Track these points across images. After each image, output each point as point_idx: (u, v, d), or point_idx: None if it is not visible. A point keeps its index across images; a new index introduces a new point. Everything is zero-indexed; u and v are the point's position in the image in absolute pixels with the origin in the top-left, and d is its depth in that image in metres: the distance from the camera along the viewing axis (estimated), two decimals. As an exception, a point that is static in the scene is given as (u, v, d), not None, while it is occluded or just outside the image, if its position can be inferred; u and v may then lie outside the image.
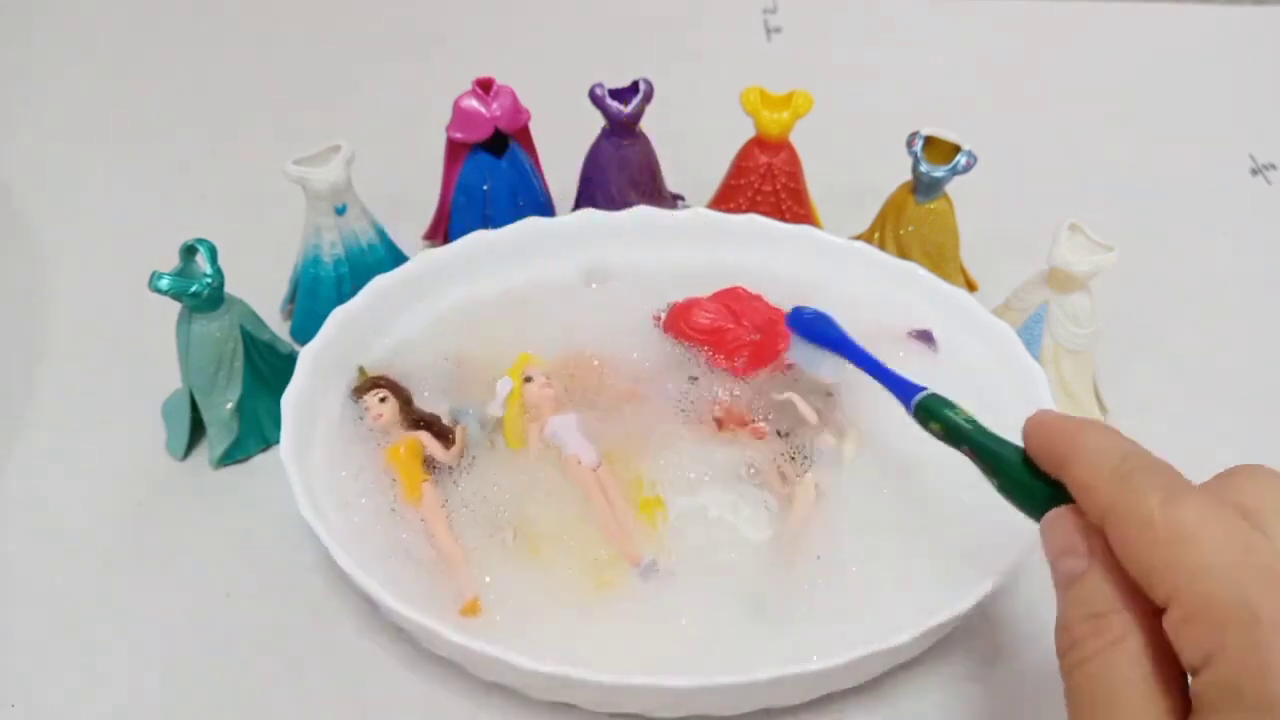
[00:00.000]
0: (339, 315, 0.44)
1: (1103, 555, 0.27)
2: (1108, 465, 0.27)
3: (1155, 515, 0.25)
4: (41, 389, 0.49)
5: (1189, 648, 0.24)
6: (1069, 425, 0.30)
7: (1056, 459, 0.29)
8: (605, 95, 0.50)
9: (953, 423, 0.34)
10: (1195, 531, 0.25)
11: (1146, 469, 0.27)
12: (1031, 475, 0.31)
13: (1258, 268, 0.58)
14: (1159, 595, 0.25)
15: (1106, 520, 0.27)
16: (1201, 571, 0.24)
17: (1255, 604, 0.23)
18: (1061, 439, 0.29)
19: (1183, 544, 0.25)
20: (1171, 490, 0.26)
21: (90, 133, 0.66)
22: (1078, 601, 0.27)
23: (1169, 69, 0.74)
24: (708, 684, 0.33)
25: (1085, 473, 0.28)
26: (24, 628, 0.40)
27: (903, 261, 0.48)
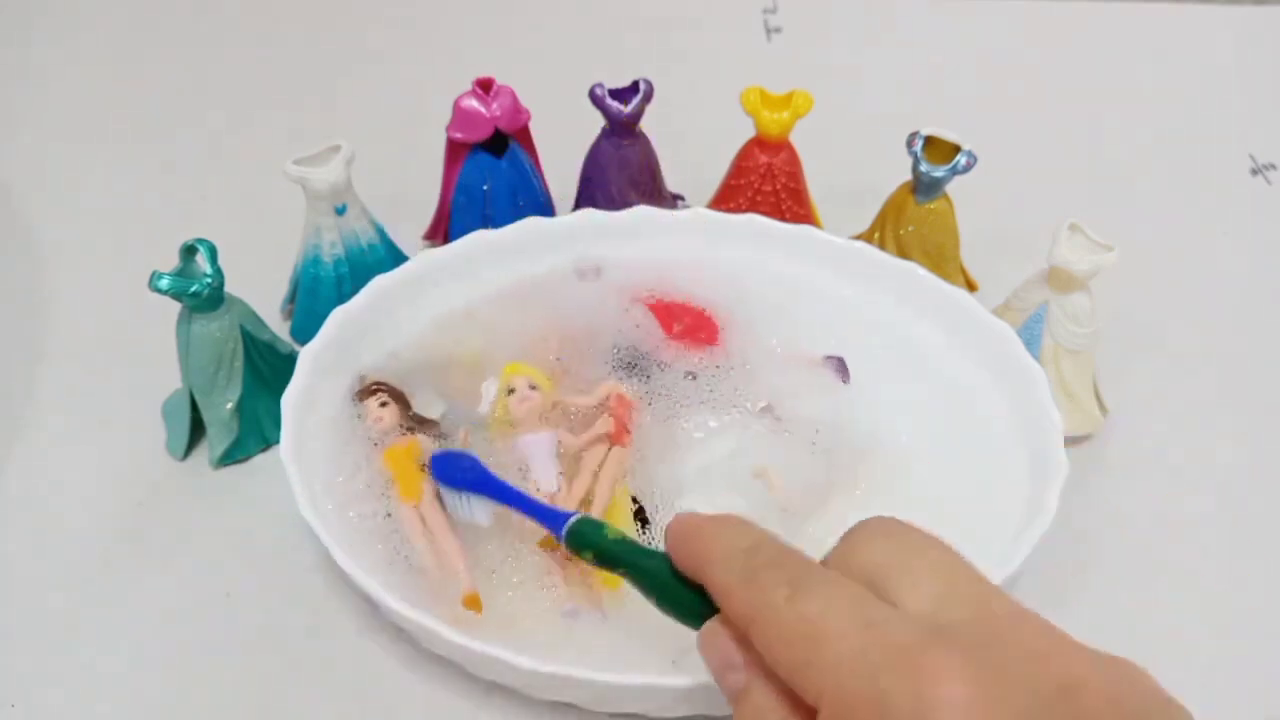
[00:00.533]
0: (339, 315, 0.44)
1: (759, 664, 0.26)
2: (735, 565, 0.27)
3: (784, 614, 0.25)
4: (41, 389, 0.49)
5: None
6: (703, 525, 0.29)
7: (695, 564, 0.28)
8: (605, 95, 0.50)
9: (604, 545, 0.32)
10: (821, 624, 0.24)
11: (771, 563, 0.26)
12: (685, 586, 0.29)
13: (1258, 268, 0.58)
14: (810, 696, 0.24)
15: (745, 625, 0.26)
16: (834, 667, 0.23)
17: (885, 694, 0.22)
18: (696, 541, 0.28)
19: (813, 640, 0.24)
20: (796, 583, 0.25)
21: (90, 133, 0.66)
22: (748, 715, 0.26)
23: (1169, 69, 0.74)
24: (708, 684, 0.33)
25: (716, 578, 0.27)
26: (24, 628, 0.40)
27: (903, 261, 0.48)
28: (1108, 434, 0.47)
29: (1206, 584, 0.42)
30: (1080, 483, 0.40)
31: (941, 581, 0.25)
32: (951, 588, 0.25)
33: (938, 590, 0.25)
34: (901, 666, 0.23)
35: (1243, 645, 0.40)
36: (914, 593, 0.25)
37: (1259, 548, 0.44)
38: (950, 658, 0.23)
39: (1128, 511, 0.45)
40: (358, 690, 0.38)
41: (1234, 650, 0.40)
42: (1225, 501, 0.45)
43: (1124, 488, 0.46)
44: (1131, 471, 0.46)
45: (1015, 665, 0.23)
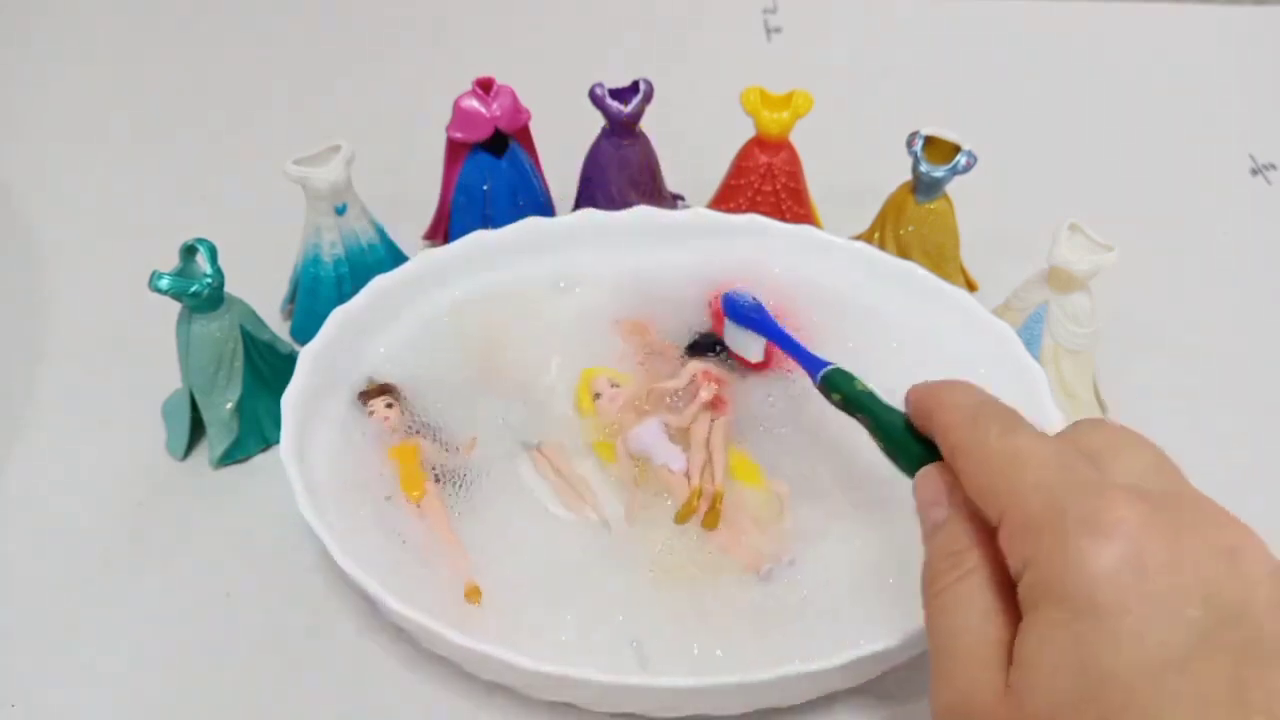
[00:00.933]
0: (339, 315, 0.44)
1: (962, 503, 0.29)
2: (962, 411, 0.30)
3: (992, 444, 0.28)
4: (41, 389, 0.49)
5: (1014, 557, 0.26)
6: (940, 384, 0.32)
7: (929, 408, 0.31)
8: (605, 95, 0.50)
9: (852, 393, 0.37)
10: (1024, 455, 0.27)
11: (993, 412, 0.29)
12: (912, 438, 0.33)
13: (1258, 268, 0.58)
14: (992, 516, 0.27)
15: (956, 457, 0.29)
16: (1026, 488, 0.26)
17: (1065, 508, 0.25)
18: (932, 395, 0.32)
19: (1013, 467, 0.27)
20: (1009, 425, 0.28)
21: (90, 133, 0.66)
22: (940, 543, 0.29)
23: (1169, 69, 0.74)
24: (708, 684, 0.33)
25: (943, 418, 0.30)
26: (24, 628, 0.40)
27: (903, 261, 0.48)
28: (1108, 434, 0.47)
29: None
30: (1080, 483, 0.40)
31: (1145, 462, 0.28)
32: (1155, 469, 0.27)
33: (1140, 467, 0.27)
34: (1085, 491, 0.25)
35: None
36: (1119, 466, 0.27)
37: (1259, 548, 0.44)
38: (1132, 500, 0.25)
39: (1128, 511, 0.45)
40: (358, 690, 0.38)
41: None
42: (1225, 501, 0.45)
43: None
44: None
45: (1193, 522, 0.25)
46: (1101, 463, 0.27)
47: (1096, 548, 0.24)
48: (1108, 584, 0.23)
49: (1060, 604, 0.24)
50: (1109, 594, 0.23)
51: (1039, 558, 0.25)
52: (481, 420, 0.43)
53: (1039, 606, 0.25)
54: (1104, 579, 0.23)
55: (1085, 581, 0.24)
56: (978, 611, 0.27)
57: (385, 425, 0.42)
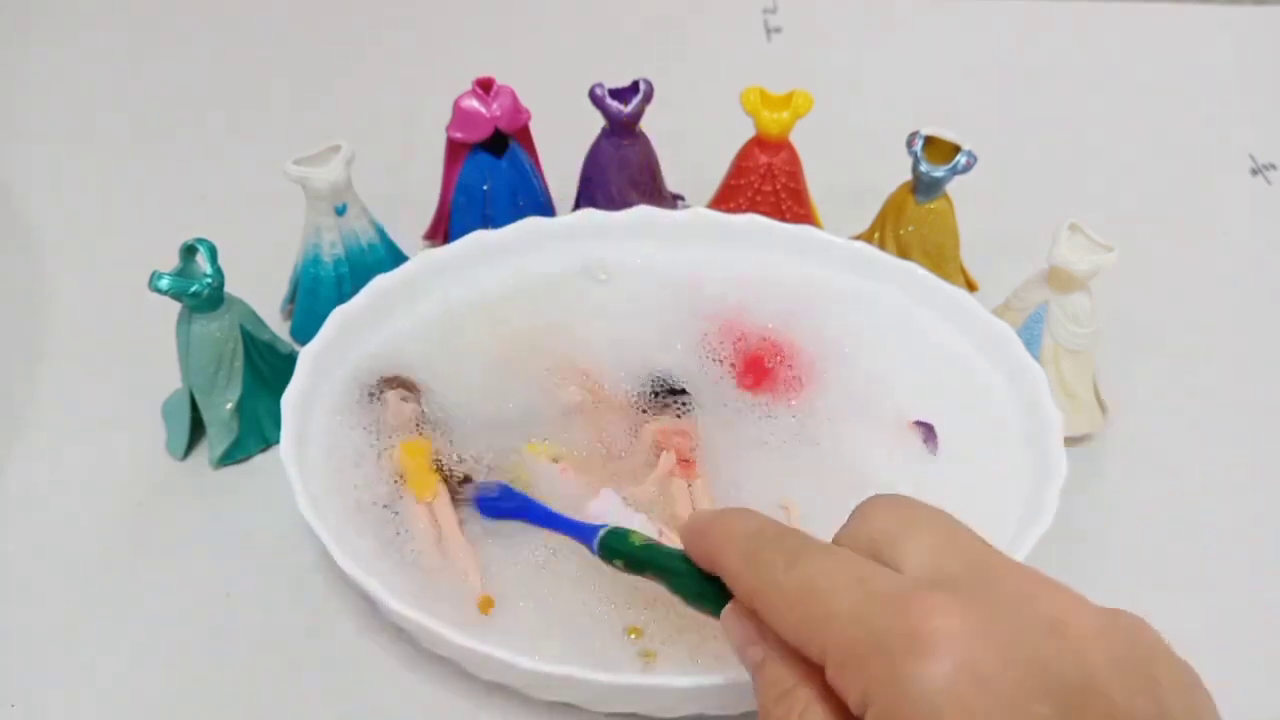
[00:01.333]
0: (339, 315, 0.44)
1: (775, 640, 0.27)
2: (741, 547, 0.28)
3: (782, 581, 0.26)
4: (41, 389, 0.49)
5: (849, 695, 0.24)
6: (713, 518, 0.30)
7: (708, 555, 0.30)
8: (605, 95, 0.50)
9: (631, 552, 0.34)
10: (819, 583, 0.26)
11: (771, 541, 0.28)
12: (707, 583, 0.31)
13: (1258, 268, 0.58)
14: (813, 655, 0.25)
15: (754, 603, 0.27)
16: (835, 622, 0.25)
17: (879, 632, 0.24)
18: (707, 533, 0.30)
19: (811, 599, 0.25)
20: (793, 554, 0.27)
21: (90, 133, 0.66)
22: (767, 685, 0.27)
23: (1169, 69, 0.74)
24: (708, 684, 0.33)
25: (725, 562, 0.29)
26: (24, 628, 0.40)
27: (903, 261, 0.48)
28: (1108, 434, 0.47)
29: (1207, 584, 0.42)
30: (1080, 483, 0.40)
31: (939, 542, 0.26)
32: (948, 546, 0.26)
33: (935, 549, 0.26)
34: (895, 608, 0.24)
35: (1244, 645, 0.40)
36: (913, 555, 0.26)
37: (1259, 547, 0.44)
38: (941, 597, 0.24)
39: (1128, 511, 0.45)
40: (358, 690, 0.38)
41: (1235, 650, 0.40)
42: (1225, 501, 0.45)
43: (1124, 488, 0.46)
44: (1131, 471, 0.46)
45: (1007, 603, 0.24)
46: (895, 551, 0.26)
47: (927, 668, 0.23)
48: (950, 704, 0.22)
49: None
50: (956, 714, 0.22)
51: (875, 692, 0.23)
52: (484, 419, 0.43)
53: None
54: (945, 700, 0.22)
55: (928, 708, 0.22)
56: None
57: (398, 419, 0.42)
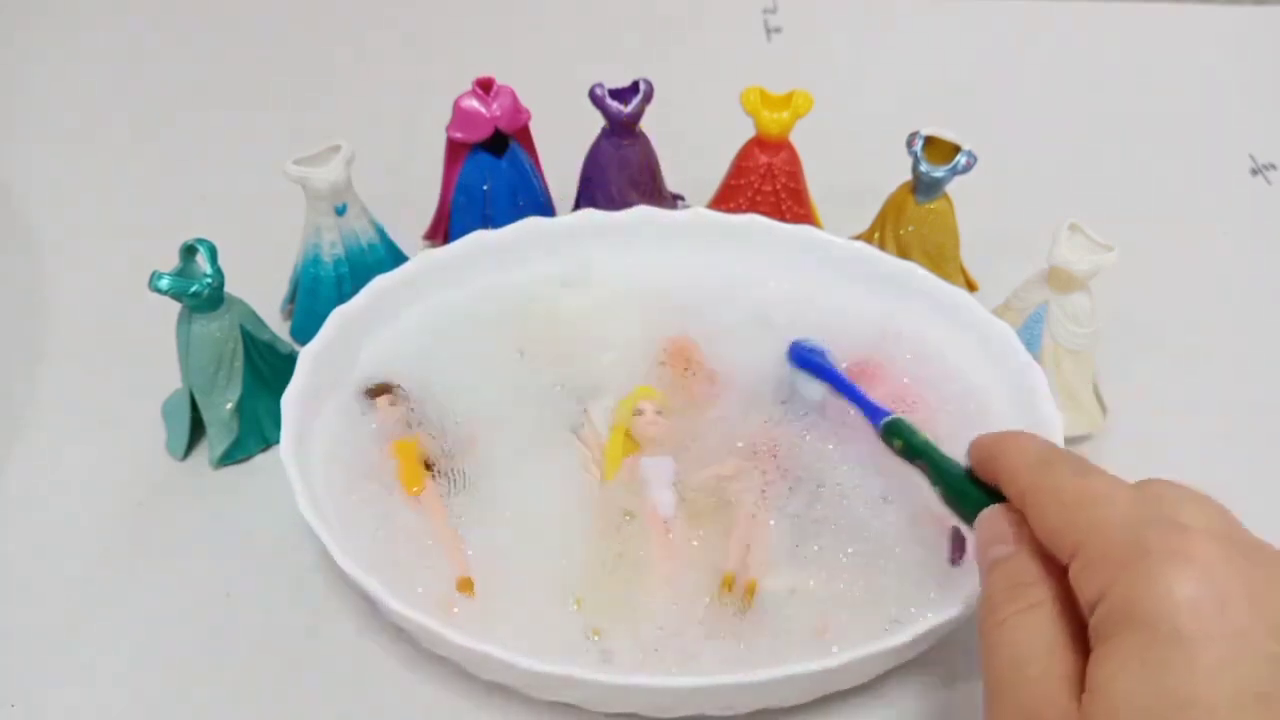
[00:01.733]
0: (339, 315, 0.44)
1: (1029, 541, 0.29)
2: (1031, 455, 0.31)
3: (1066, 484, 0.28)
4: (41, 389, 0.49)
5: (1088, 588, 0.26)
6: (1007, 433, 0.33)
7: (990, 460, 0.32)
8: (605, 95, 0.50)
9: (913, 441, 0.37)
10: (1101, 494, 0.28)
11: (1065, 456, 0.30)
12: (973, 484, 0.33)
13: (1258, 268, 0.58)
14: (1064, 552, 0.27)
15: (1026, 499, 0.29)
16: (1102, 523, 0.27)
17: (1145, 541, 0.25)
18: (998, 443, 0.33)
19: (1088, 505, 0.27)
20: (1082, 467, 0.29)
21: (90, 133, 0.66)
22: (1003, 576, 0.29)
23: (1169, 69, 0.74)
24: (708, 684, 0.33)
25: (1010, 462, 0.31)
26: (24, 628, 0.40)
27: (903, 261, 0.48)
28: (1108, 434, 0.47)
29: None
30: (1080, 483, 0.40)
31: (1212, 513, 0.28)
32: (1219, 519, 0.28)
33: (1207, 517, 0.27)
34: (1166, 529, 0.26)
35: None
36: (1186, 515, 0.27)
37: (1259, 548, 0.44)
38: (1209, 538, 0.25)
39: (1128, 511, 0.45)
40: (358, 690, 0.38)
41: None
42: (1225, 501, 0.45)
43: (1124, 488, 0.46)
44: (1131, 471, 0.46)
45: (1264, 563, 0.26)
46: (1171, 510, 0.27)
47: (1181, 577, 0.24)
48: (1191, 614, 0.24)
49: (1140, 630, 0.24)
50: (1192, 623, 0.23)
51: (1117, 587, 0.25)
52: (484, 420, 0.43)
53: (1116, 634, 0.25)
54: (1187, 609, 0.24)
55: (1168, 609, 0.24)
56: (1044, 642, 0.27)
57: (387, 420, 0.42)
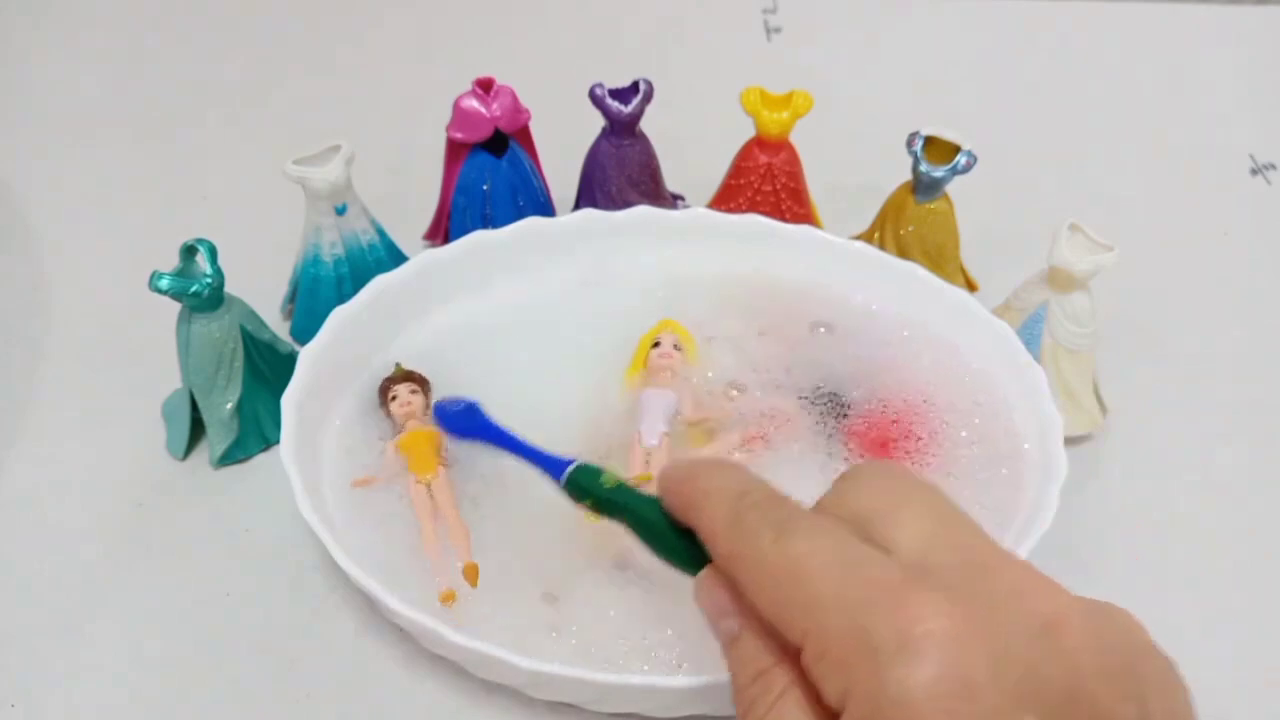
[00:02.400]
0: (339, 315, 0.44)
1: (751, 613, 0.26)
2: (722, 509, 0.27)
3: (768, 555, 0.25)
4: (41, 389, 0.49)
5: (829, 688, 0.23)
6: (696, 469, 0.29)
7: (686, 508, 0.28)
8: (605, 95, 0.50)
9: (600, 493, 0.32)
10: (807, 563, 0.24)
11: (758, 506, 0.26)
12: (680, 537, 0.29)
13: (1258, 268, 0.58)
14: (792, 637, 0.24)
15: (734, 571, 0.26)
16: (816, 604, 0.23)
17: (867, 629, 0.22)
18: (688, 484, 0.28)
19: (797, 579, 0.24)
20: (781, 525, 0.25)
21: (90, 133, 0.66)
22: (741, 661, 0.26)
23: (1169, 69, 0.74)
24: (708, 684, 0.33)
25: (705, 521, 0.27)
26: (24, 628, 0.40)
27: (903, 261, 0.48)
28: (1108, 434, 0.47)
29: (1207, 584, 0.42)
30: (1080, 483, 0.40)
31: (930, 525, 0.25)
32: (940, 531, 0.25)
33: (926, 533, 0.25)
34: (883, 603, 0.23)
35: (1243, 645, 0.40)
36: (903, 536, 0.25)
37: (1259, 547, 0.44)
38: (932, 595, 0.23)
39: (1128, 511, 0.45)
40: (358, 690, 0.38)
41: (1234, 650, 0.40)
42: (1225, 501, 0.45)
43: (1124, 488, 0.46)
44: (1131, 471, 0.46)
45: (998, 603, 0.23)
46: (885, 528, 0.25)
47: (913, 674, 0.21)
48: (935, 714, 0.21)
49: None
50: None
51: (856, 690, 0.22)
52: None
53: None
54: (930, 709, 0.21)
55: (911, 717, 0.21)
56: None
57: (405, 410, 0.42)
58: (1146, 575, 0.42)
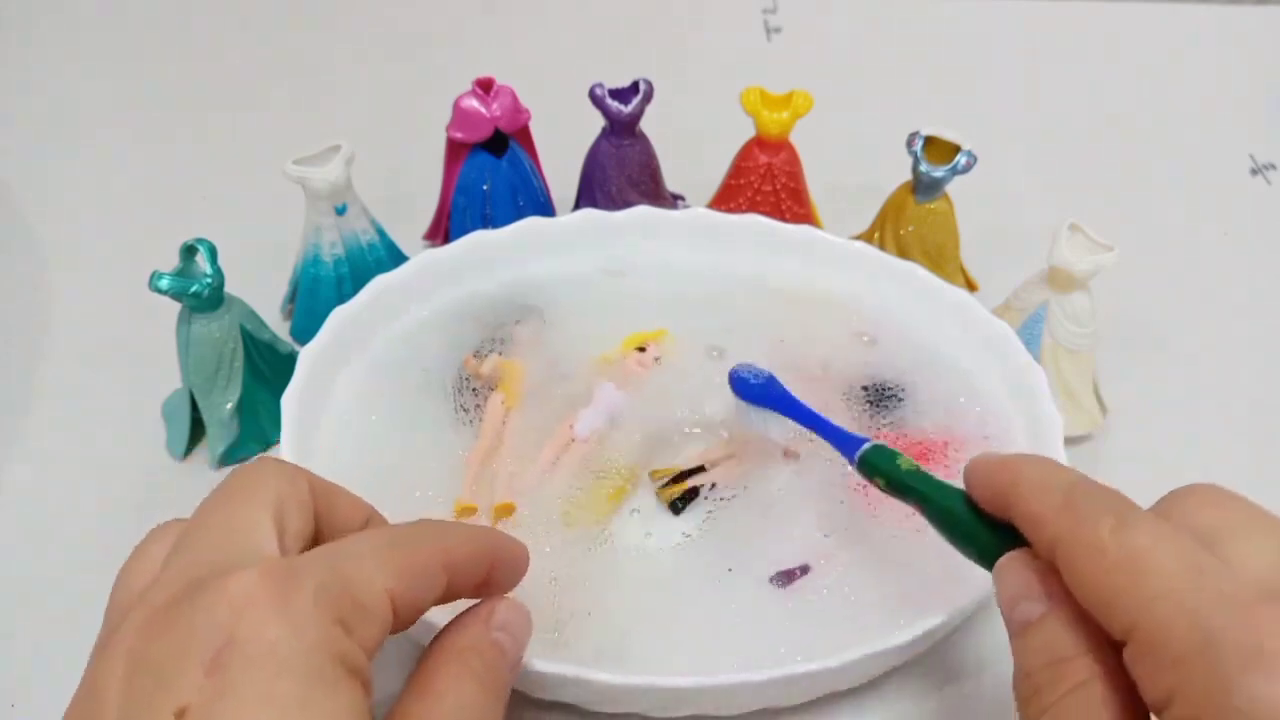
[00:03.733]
0: (339, 315, 0.44)
1: (1061, 597, 0.26)
2: (1054, 494, 0.26)
3: (1107, 542, 0.24)
4: (41, 389, 0.49)
5: (1150, 685, 0.23)
6: (1009, 461, 0.29)
7: (1000, 497, 0.28)
8: (605, 95, 0.50)
9: (896, 475, 0.32)
10: (1149, 557, 0.23)
11: (1094, 495, 0.26)
12: (980, 522, 0.29)
13: (1258, 268, 0.58)
14: (1116, 629, 0.24)
15: (1057, 552, 0.25)
16: (1157, 601, 0.23)
17: (1213, 634, 0.22)
18: (1002, 475, 0.28)
19: (1137, 571, 0.23)
20: (1123, 515, 0.25)
21: (90, 133, 0.66)
22: (1037, 647, 0.26)
23: (1169, 69, 0.74)
24: (708, 684, 0.33)
25: (1031, 505, 0.27)
26: (24, 628, 0.40)
27: (903, 261, 0.48)
28: (1108, 434, 0.47)
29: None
30: (1080, 483, 0.40)
31: (1272, 548, 0.24)
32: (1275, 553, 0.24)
33: (1269, 554, 0.24)
34: (1235, 613, 0.22)
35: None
36: (1248, 555, 0.24)
37: (1259, 548, 0.44)
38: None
39: (1128, 511, 0.45)
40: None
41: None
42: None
43: (1124, 488, 0.45)
44: (1131, 471, 0.46)
45: None
46: (1223, 550, 0.24)
47: (1266, 688, 0.21)
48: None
49: None
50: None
51: (1190, 693, 0.22)
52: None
53: None
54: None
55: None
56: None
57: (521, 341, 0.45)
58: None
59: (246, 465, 0.29)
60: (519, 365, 0.44)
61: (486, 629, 0.29)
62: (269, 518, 0.26)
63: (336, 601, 0.24)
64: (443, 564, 0.28)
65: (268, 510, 0.27)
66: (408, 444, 0.42)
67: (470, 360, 0.44)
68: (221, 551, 0.25)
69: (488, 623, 0.29)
